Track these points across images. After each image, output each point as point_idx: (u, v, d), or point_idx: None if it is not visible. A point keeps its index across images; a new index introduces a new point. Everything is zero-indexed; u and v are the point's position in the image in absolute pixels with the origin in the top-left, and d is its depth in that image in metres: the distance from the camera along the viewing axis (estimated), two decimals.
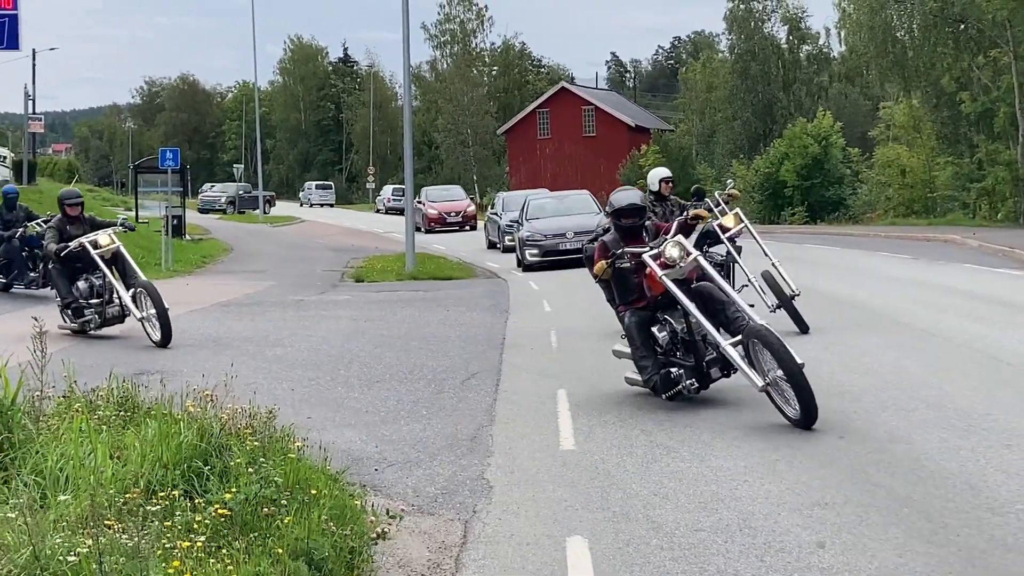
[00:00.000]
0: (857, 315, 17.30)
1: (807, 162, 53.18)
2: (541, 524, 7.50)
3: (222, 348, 15.55)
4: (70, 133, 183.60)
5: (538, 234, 32.31)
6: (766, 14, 73.94)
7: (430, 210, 56.84)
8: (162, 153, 38.85)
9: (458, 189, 65.11)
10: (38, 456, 7.10)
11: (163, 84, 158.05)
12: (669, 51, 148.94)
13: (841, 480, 8.13)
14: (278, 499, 6.70)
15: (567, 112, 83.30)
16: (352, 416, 11.14)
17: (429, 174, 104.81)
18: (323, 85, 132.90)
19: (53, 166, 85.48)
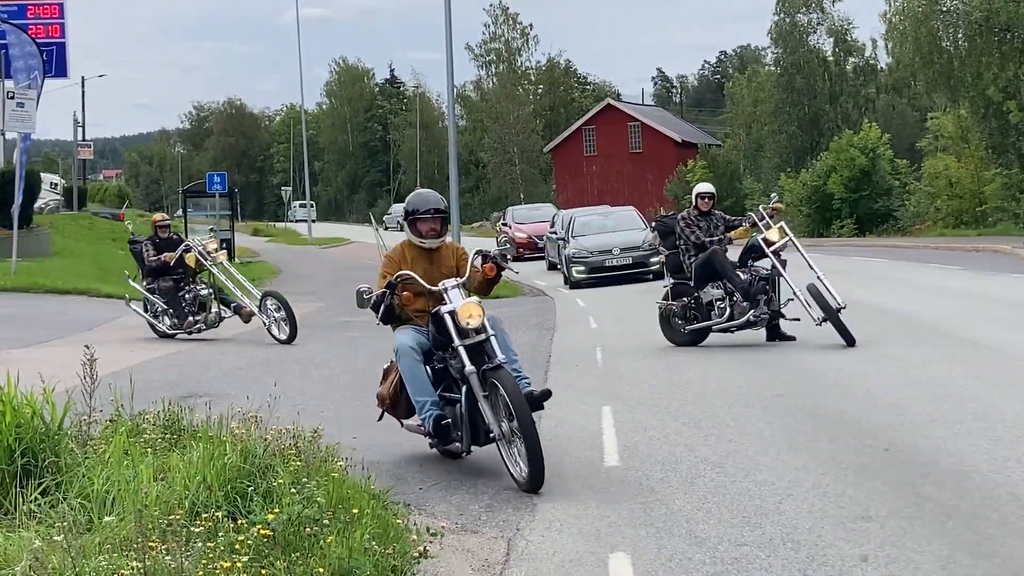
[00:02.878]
0: (905, 327, 17.20)
1: (855, 174, 52.91)
2: (584, 541, 7.50)
3: (268, 370, 15.64)
4: (120, 159, 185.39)
5: (584, 251, 32.32)
6: (811, 27, 73.72)
7: (518, 234, 48.34)
8: (210, 177, 39.24)
9: (550, 208, 54.32)
10: (84, 479, 7.18)
11: (211, 109, 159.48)
12: (715, 66, 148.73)
13: (885, 493, 8.08)
14: (321, 519, 6.74)
15: (613, 129, 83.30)
16: (396, 436, 11.15)
17: (476, 193, 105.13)
18: (370, 107, 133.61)
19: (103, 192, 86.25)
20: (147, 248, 20.22)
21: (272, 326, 19.03)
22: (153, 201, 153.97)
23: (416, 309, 9.75)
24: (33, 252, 33.34)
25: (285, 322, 18.88)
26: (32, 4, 42.13)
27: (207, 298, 19.67)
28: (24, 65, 33.50)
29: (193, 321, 19.61)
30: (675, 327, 16.77)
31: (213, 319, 19.70)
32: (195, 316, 19.67)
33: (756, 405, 11.71)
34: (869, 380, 12.74)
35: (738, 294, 16.08)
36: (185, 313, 19.70)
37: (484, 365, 8.94)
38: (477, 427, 9.17)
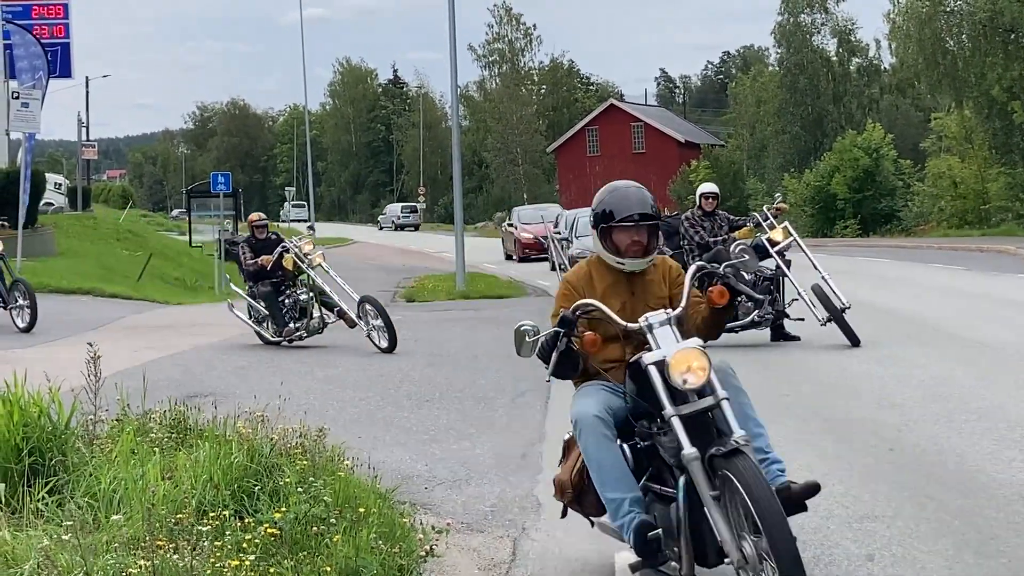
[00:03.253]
0: (909, 327, 17.21)
1: (858, 175, 52.96)
2: (590, 540, 7.50)
3: (274, 369, 15.65)
4: (124, 159, 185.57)
5: (587, 251, 32.27)
6: (815, 27, 73.74)
7: (523, 234, 47.22)
8: (214, 178, 39.27)
9: (556, 208, 52.62)
10: (91, 479, 7.20)
11: (214, 109, 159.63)
12: (718, 66, 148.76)
13: (891, 493, 8.09)
14: (327, 518, 6.75)
15: (616, 129, 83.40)
16: (402, 435, 11.19)
17: (479, 193, 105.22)
18: (373, 107, 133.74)
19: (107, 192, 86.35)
20: (244, 251, 19.00)
21: (372, 333, 17.61)
22: (157, 201, 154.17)
23: (608, 359, 6.52)
24: (38, 252, 33.35)
25: (384, 330, 17.42)
26: (37, 4, 42.19)
27: (307, 303, 18.32)
28: (29, 65, 33.55)
29: (293, 328, 18.41)
30: None
31: (316, 325, 18.29)
32: (295, 322, 18.46)
33: (761, 405, 11.62)
34: (874, 380, 12.75)
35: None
36: (285, 320, 18.52)
37: (712, 447, 5.84)
38: (704, 539, 5.93)
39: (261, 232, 19.11)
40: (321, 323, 18.29)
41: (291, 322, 18.45)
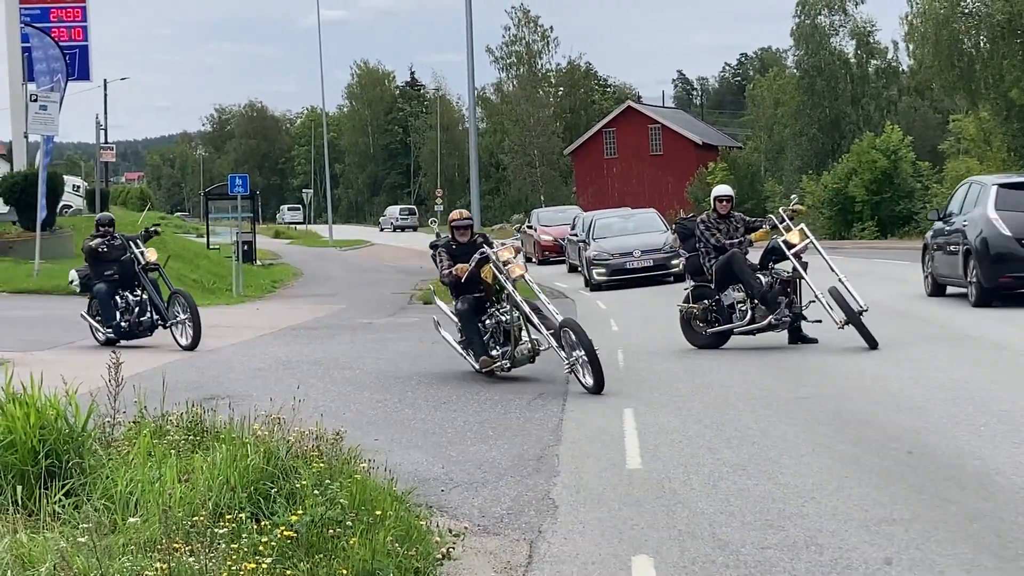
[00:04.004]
0: (927, 330, 17.15)
1: (876, 176, 52.82)
2: (607, 543, 7.49)
3: (291, 371, 15.67)
4: (142, 161, 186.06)
5: (605, 253, 32.29)
6: (833, 29, 73.61)
7: (543, 236, 47.09)
8: (231, 180, 39.21)
9: (575, 210, 51.47)
10: (108, 481, 7.20)
11: (232, 111, 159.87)
12: (736, 68, 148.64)
13: (909, 496, 8.06)
14: (344, 521, 6.74)
15: (634, 131, 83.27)
16: (419, 437, 11.18)
17: (497, 195, 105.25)
18: (390, 109, 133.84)
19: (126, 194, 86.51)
20: (441, 257, 15.13)
21: (576, 367, 13.37)
22: (175, 203, 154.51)
23: None
24: (56, 254, 33.40)
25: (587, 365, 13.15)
26: (55, 7, 42.29)
27: (512, 325, 14.25)
28: (47, 68, 33.63)
29: (492, 360, 14.47)
30: (696, 330, 16.74)
31: (525, 354, 14.27)
32: (499, 348, 14.56)
33: (779, 408, 11.69)
34: (892, 383, 12.70)
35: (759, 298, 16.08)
36: (485, 346, 14.72)
37: None
38: None
39: (463, 234, 15.26)
40: (532, 351, 14.30)
41: (494, 347, 14.65)
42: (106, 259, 18.90)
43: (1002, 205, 19.20)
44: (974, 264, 19.25)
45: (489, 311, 14.76)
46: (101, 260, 18.92)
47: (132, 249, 18.80)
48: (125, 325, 18.70)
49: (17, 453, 7.29)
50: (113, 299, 18.73)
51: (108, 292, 18.71)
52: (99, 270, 18.98)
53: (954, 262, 20.33)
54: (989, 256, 18.93)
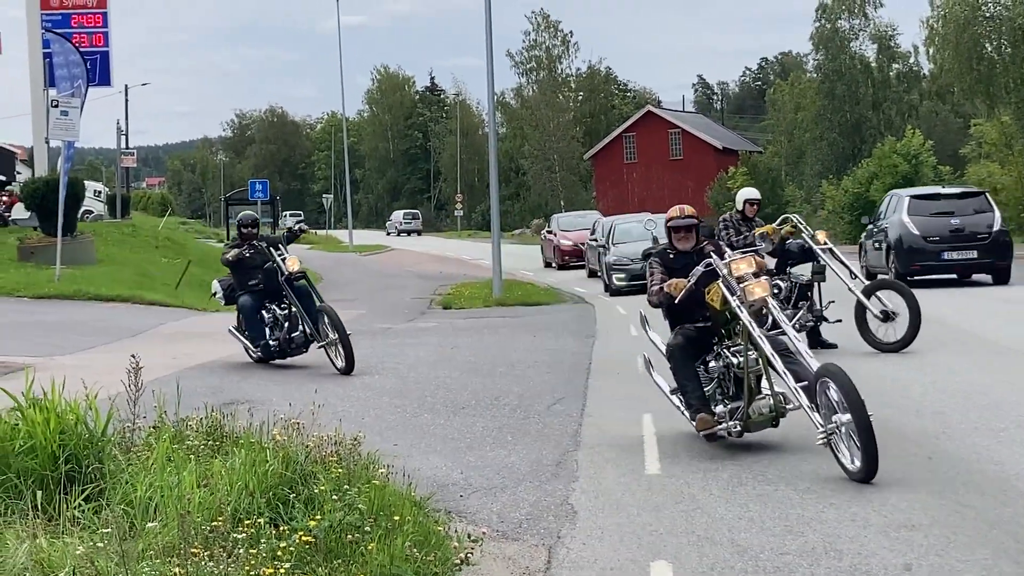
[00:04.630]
0: (947, 335, 17.10)
1: (897, 181, 52.64)
2: (625, 549, 7.49)
3: (310, 376, 15.69)
4: (163, 167, 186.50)
5: (625, 258, 32.23)
6: (853, 33, 73.45)
7: (563, 241, 46.68)
8: (252, 185, 39.40)
9: (595, 215, 50.63)
10: (127, 486, 7.23)
11: (252, 116, 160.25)
12: (756, 72, 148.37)
13: (929, 501, 8.04)
14: (362, 526, 6.76)
15: (654, 136, 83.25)
16: (438, 442, 11.19)
17: (516, 200, 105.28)
18: (410, 114, 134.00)
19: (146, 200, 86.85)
20: (652, 270, 11.20)
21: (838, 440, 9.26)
22: (195, 209, 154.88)
23: None
24: (77, 260, 33.52)
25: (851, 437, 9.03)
26: (76, 13, 42.47)
27: (747, 370, 10.06)
28: (68, 74, 33.71)
29: (711, 420, 10.21)
30: None
31: (764, 413, 10.21)
32: (727, 402, 10.37)
33: (798, 413, 11.63)
34: (911, 387, 12.67)
35: (778, 302, 16.03)
36: (706, 399, 10.52)
37: None
38: None
39: (684, 238, 11.09)
40: (774, 411, 10.14)
41: (720, 401, 10.48)
42: (249, 266, 16.78)
43: (913, 211, 26.11)
44: (893, 257, 25.97)
45: (716, 349, 10.55)
46: (244, 267, 16.84)
47: (272, 257, 16.51)
48: (275, 343, 16.76)
49: (37, 458, 7.32)
50: (259, 313, 16.83)
51: (253, 305, 16.83)
52: (242, 279, 17.02)
53: (879, 255, 27.04)
54: (903, 250, 25.77)
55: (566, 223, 49.98)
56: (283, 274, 16.35)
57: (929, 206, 26.11)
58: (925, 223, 25.58)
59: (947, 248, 25.33)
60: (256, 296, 16.83)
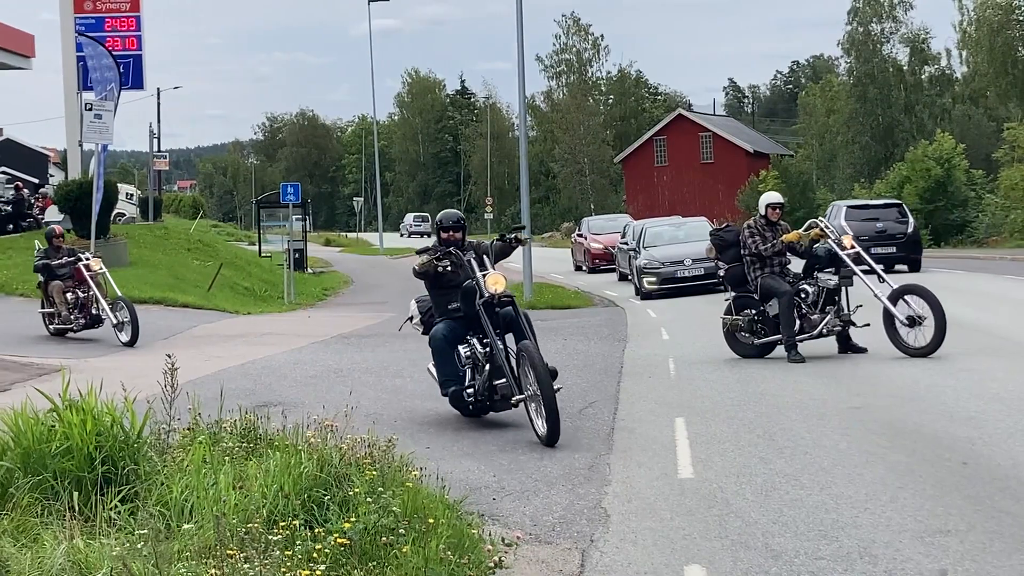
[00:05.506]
0: (982, 339, 17.01)
1: (930, 185, 52.44)
2: (659, 553, 7.48)
3: (342, 379, 15.72)
4: (194, 170, 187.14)
5: (655, 262, 32.20)
6: (884, 36, 73.19)
7: (594, 244, 46.65)
8: (283, 188, 39.42)
9: (626, 218, 50.73)
10: (163, 487, 7.26)
11: (283, 120, 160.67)
12: (787, 76, 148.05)
13: (964, 507, 8.00)
14: (396, 528, 6.77)
15: (684, 139, 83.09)
16: (470, 446, 11.20)
17: (546, 204, 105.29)
18: (441, 117, 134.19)
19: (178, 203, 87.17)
20: None
21: None
22: (227, 212, 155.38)
23: None
24: (110, 262, 33.47)
25: None
26: (109, 17, 42.64)
27: None
28: (101, 77, 33.87)
29: None
30: (743, 340, 16.67)
31: None
32: None
33: (831, 417, 11.62)
34: (946, 393, 12.61)
35: (806, 307, 16.01)
36: None
37: None
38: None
39: None
40: None
41: None
42: (448, 282, 12.30)
43: (848, 217, 33.80)
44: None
45: None
46: (442, 284, 12.39)
47: (471, 271, 11.91)
48: (472, 393, 11.97)
49: (74, 460, 7.35)
50: (456, 350, 12.16)
51: (447, 337, 12.25)
52: (440, 300, 12.53)
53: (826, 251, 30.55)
54: None
55: (596, 226, 49.95)
56: (482, 296, 11.69)
57: (860, 213, 34.51)
58: (857, 227, 31.57)
59: (873, 245, 29.85)
60: (455, 325, 12.25)
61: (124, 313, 20.82)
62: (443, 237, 12.44)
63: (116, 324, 20.81)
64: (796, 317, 16.08)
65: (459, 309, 12.10)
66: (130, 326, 20.57)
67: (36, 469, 7.31)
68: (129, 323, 20.60)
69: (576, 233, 53.00)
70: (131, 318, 20.59)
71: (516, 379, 11.33)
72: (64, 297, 21.64)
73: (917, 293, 15.52)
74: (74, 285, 21.66)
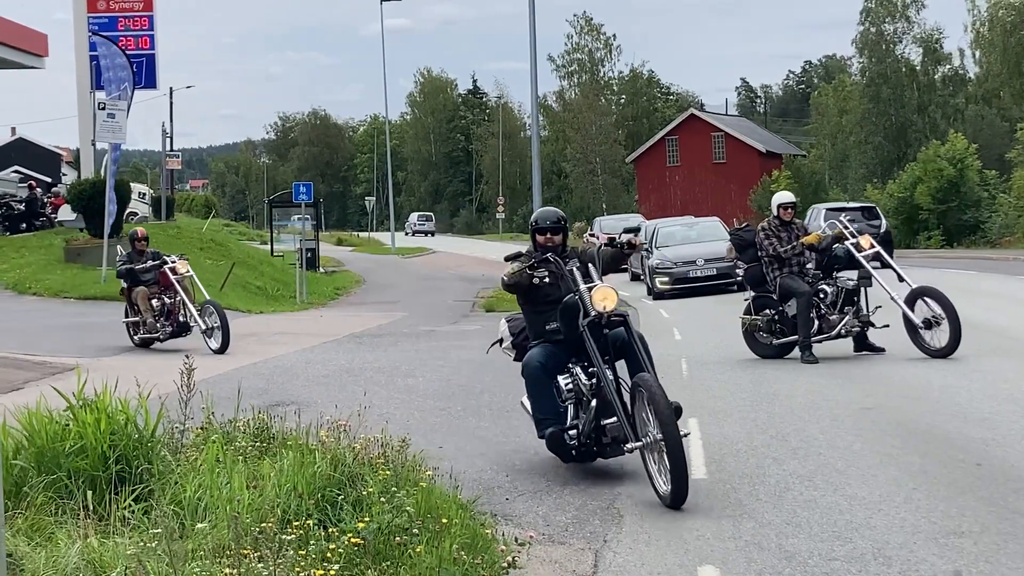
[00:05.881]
0: (996, 340, 16.97)
1: (942, 185, 52.34)
2: (672, 553, 7.47)
3: (355, 379, 15.73)
4: (207, 169, 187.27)
5: (668, 262, 32.20)
6: (897, 36, 73.06)
7: None
8: (296, 187, 39.45)
9: (638, 218, 50.96)
10: (177, 487, 7.27)
11: (296, 119, 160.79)
12: (800, 76, 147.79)
13: (978, 508, 7.98)
14: (410, 528, 6.77)
15: (696, 139, 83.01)
16: (483, 445, 11.20)
17: (558, 203, 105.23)
18: (453, 117, 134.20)
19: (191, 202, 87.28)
20: None
21: None
22: (239, 211, 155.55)
23: None
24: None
25: None
26: (122, 16, 42.71)
27: None
28: (114, 76, 33.97)
29: None
30: (762, 341, 16.64)
31: None
32: None
33: (845, 419, 11.60)
34: (960, 394, 12.58)
35: (824, 307, 15.98)
36: None
37: None
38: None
39: None
40: None
41: None
42: (545, 296, 9.92)
43: (827, 219, 30.00)
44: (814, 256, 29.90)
45: None
46: (538, 297, 9.99)
47: (573, 283, 9.56)
48: (574, 438, 9.59)
49: (88, 458, 7.37)
50: (555, 381, 9.77)
51: (544, 365, 9.80)
52: (535, 318, 10.16)
53: None
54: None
55: (608, 226, 49.45)
56: (587, 314, 9.31)
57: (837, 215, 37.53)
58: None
59: None
60: (554, 350, 9.83)
61: (213, 318, 19.67)
62: (539, 241, 10.25)
63: (205, 330, 19.66)
64: (815, 317, 16.04)
65: (558, 330, 9.75)
66: (220, 332, 19.43)
67: (50, 468, 7.32)
68: (219, 328, 19.47)
69: (588, 233, 52.94)
70: (221, 323, 19.48)
71: (630, 419, 9.04)
72: (150, 304, 20.22)
73: (929, 295, 15.49)
74: (160, 290, 20.34)
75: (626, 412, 9.08)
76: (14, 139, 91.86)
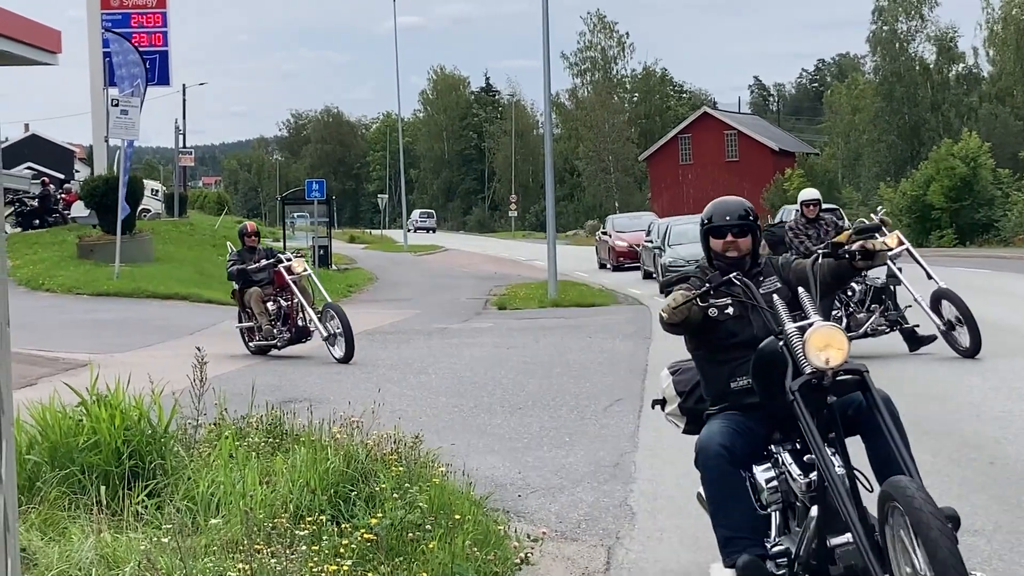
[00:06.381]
0: (1009, 339, 16.93)
1: (955, 184, 52.22)
2: (685, 551, 7.47)
3: (368, 375, 15.74)
4: (219, 166, 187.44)
5: (680, 260, 32.17)
6: (911, 35, 72.92)
7: (618, 242, 46.14)
8: (308, 184, 39.50)
9: (650, 216, 50.48)
10: (190, 482, 7.28)
11: (308, 116, 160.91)
12: (813, 74, 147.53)
13: (991, 507, 7.96)
14: (423, 524, 6.78)
15: (709, 137, 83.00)
16: (495, 442, 11.20)
17: (571, 201, 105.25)
18: (465, 115, 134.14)
19: (203, 199, 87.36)
20: None
21: None
22: (252, 208, 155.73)
23: None
24: (136, 258, 33.83)
25: None
26: (136, 13, 42.78)
27: None
28: (127, 73, 34.00)
29: None
30: None
31: None
32: None
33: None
34: (973, 392, 12.55)
35: (853, 305, 15.90)
36: None
37: None
38: None
39: None
40: None
41: None
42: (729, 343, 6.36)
43: None
44: None
45: None
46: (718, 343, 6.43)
47: (773, 320, 5.99)
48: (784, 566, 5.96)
49: (101, 454, 7.39)
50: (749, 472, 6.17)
51: (730, 450, 6.15)
52: (716, 371, 6.52)
53: None
54: None
55: (621, 224, 49.70)
56: (798, 372, 5.68)
57: None
58: None
59: None
60: (746, 423, 6.22)
61: (335, 323, 17.53)
62: (716, 249, 6.58)
63: (327, 336, 17.58)
64: (842, 316, 15.92)
65: (751, 389, 6.10)
66: (343, 339, 17.26)
67: (64, 463, 7.35)
68: (341, 335, 17.29)
69: (600, 231, 52.97)
70: (344, 329, 17.28)
71: (872, 540, 5.42)
72: (264, 307, 18.31)
73: (946, 297, 15.43)
74: (275, 292, 18.42)
75: (866, 527, 5.50)
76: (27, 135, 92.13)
